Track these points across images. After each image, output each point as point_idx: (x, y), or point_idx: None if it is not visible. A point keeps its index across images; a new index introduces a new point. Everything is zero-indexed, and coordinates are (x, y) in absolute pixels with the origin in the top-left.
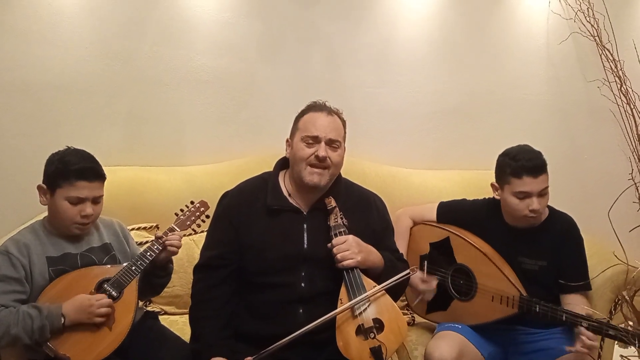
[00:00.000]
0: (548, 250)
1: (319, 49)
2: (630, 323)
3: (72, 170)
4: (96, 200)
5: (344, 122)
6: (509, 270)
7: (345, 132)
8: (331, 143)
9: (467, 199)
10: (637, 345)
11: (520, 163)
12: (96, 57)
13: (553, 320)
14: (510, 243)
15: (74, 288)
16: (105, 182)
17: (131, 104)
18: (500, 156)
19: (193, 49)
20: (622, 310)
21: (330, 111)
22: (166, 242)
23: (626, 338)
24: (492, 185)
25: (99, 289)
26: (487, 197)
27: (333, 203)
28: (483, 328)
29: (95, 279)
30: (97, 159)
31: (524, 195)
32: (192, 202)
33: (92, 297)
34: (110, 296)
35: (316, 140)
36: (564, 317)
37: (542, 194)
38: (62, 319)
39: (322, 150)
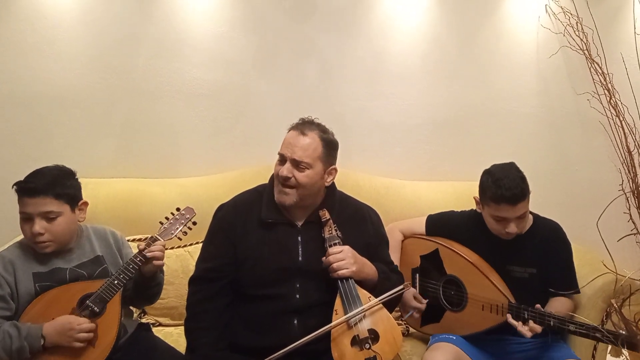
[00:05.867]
0: (535, 257)
1: (313, 62)
2: (623, 332)
3: (18, 187)
4: (49, 217)
5: (326, 142)
6: (497, 279)
7: (326, 152)
8: (296, 164)
9: (455, 210)
10: (623, 347)
11: (500, 192)
12: (92, 70)
13: (541, 325)
14: (497, 252)
15: (55, 305)
16: (100, 194)
17: (126, 117)
18: (484, 173)
19: (188, 62)
20: (612, 319)
21: (304, 130)
22: (148, 254)
23: (612, 340)
24: (474, 198)
25: (81, 305)
26: (474, 208)
27: (327, 215)
28: (476, 339)
29: (78, 294)
30: (69, 176)
31: (501, 219)
32: (177, 209)
33: (74, 320)
34: (92, 312)
35: (283, 159)
36: (551, 323)
37: (521, 217)
38: (42, 341)
39: (284, 170)
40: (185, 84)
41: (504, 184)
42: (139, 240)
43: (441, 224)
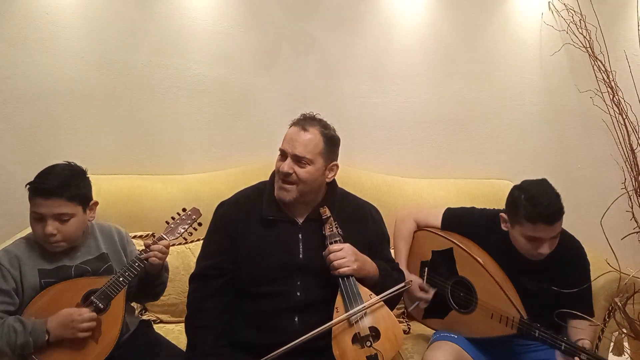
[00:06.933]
0: (551, 273)
1: (315, 59)
2: (624, 330)
3: (32, 186)
4: (62, 218)
5: (327, 138)
6: (511, 291)
7: (327, 148)
8: (297, 159)
9: (476, 207)
10: None
11: (538, 210)
12: (93, 67)
13: (552, 347)
14: (512, 261)
15: (60, 300)
16: (102, 191)
17: (128, 113)
18: (515, 189)
19: (190, 58)
20: (615, 318)
21: (306, 126)
22: (147, 255)
23: None
24: (501, 216)
25: (86, 300)
26: (495, 208)
27: (328, 213)
28: (478, 339)
29: (82, 290)
30: (81, 175)
31: (535, 240)
32: (184, 210)
33: (75, 311)
34: (97, 308)
35: (284, 154)
36: (562, 347)
37: (555, 237)
38: (46, 335)
39: (285, 165)
40: (187, 81)
41: (540, 202)
42: (141, 237)
43: (459, 219)
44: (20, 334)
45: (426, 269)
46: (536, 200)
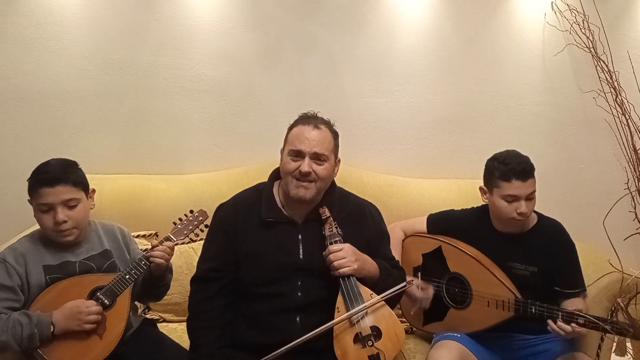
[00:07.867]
0: (538, 256)
1: (317, 59)
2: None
3: (34, 179)
4: (70, 204)
5: (335, 134)
6: (502, 275)
7: (335, 144)
8: (316, 157)
9: (455, 208)
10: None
11: (510, 167)
12: (96, 66)
13: (549, 319)
14: (499, 249)
15: (66, 296)
16: (105, 190)
17: (130, 113)
18: (489, 161)
19: (192, 58)
20: (618, 318)
21: (317, 124)
22: (152, 254)
23: (624, 330)
24: (480, 188)
25: (92, 297)
26: (475, 206)
27: (327, 213)
28: (480, 336)
29: (89, 286)
30: (76, 165)
31: (512, 199)
32: (191, 211)
33: (82, 303)
34: (102, 304)
35: (300, 154)
36: (559, 316)
37: (530, 197)
38: (52, 328)
39: (305, 165)
40: (190, 80)
41: (512, 161)
42: (144, 236)
43: (443, 221)
44: (25, 327)
45: (419, 273)
46: (508, 160)
